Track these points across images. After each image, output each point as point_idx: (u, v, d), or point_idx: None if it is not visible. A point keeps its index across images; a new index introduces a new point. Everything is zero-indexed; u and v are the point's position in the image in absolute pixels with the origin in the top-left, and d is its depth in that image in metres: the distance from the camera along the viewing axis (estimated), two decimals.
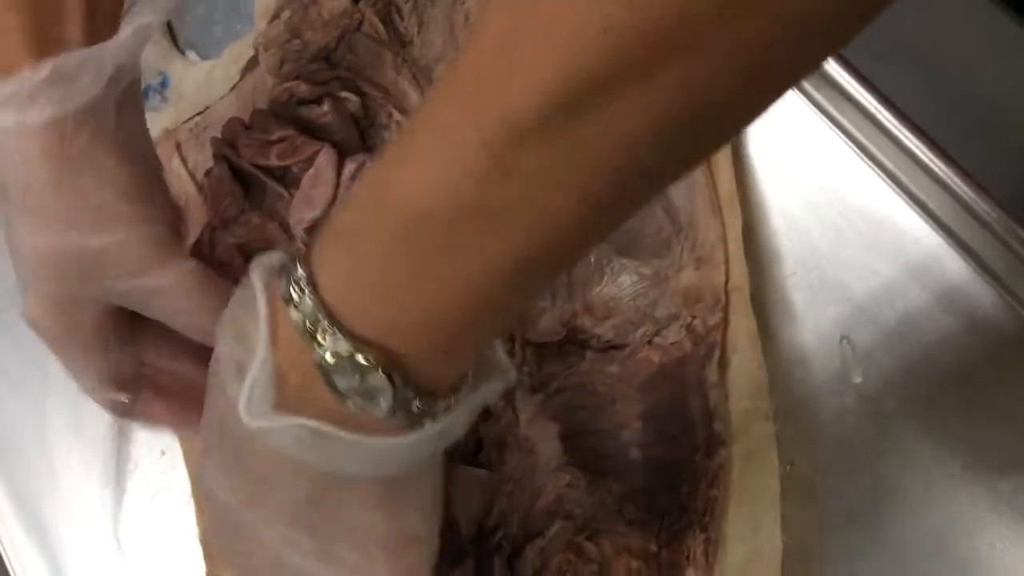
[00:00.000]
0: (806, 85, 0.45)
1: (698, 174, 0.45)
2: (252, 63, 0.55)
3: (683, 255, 0.45)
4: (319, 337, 0.27)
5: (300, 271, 0.28)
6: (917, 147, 0.42)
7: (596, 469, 0.43)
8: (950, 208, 0.43)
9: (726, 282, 0.43)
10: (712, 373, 0.42)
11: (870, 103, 0.43)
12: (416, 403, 0.28)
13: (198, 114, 0.57)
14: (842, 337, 0.43)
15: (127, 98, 0.38)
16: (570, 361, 0.46)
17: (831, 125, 0.45)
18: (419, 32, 0.51)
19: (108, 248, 0.37)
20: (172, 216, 0.40)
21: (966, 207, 0.42)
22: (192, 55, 0.61)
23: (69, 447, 0.60)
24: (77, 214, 0.37)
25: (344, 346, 0.27)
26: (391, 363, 0.27)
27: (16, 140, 0.36)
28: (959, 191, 0.42)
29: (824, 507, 0.42)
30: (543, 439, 0.45)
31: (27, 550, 0.60)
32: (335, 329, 0.27)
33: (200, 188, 0.56)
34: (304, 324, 0.27)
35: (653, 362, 0.44)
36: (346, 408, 0.28)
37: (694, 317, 0.44)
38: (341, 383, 0.27)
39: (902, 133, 0.43)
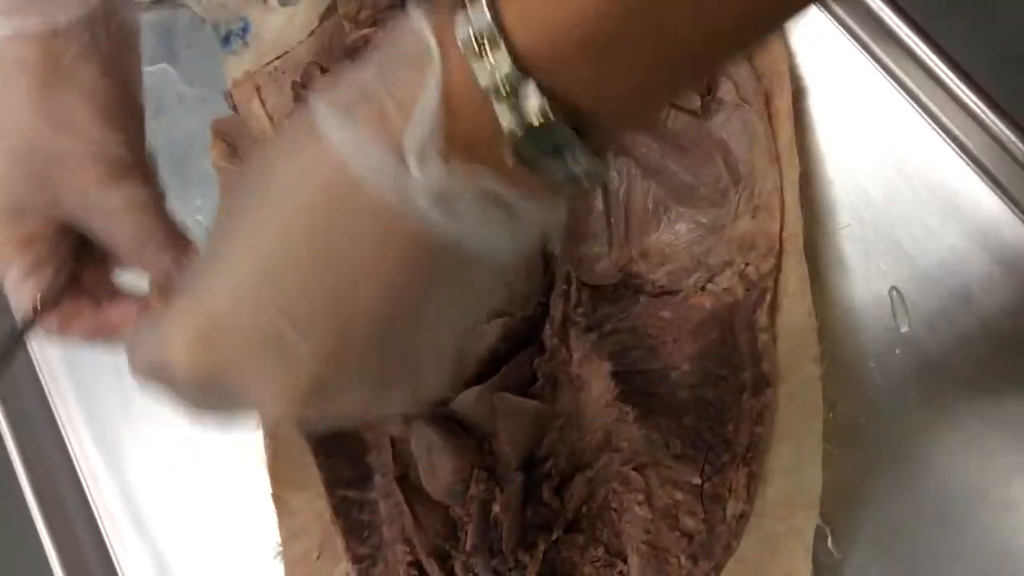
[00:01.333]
0: (867, 40, 0.46)
1: (758, 126, 0.46)
2: (331, 10, 0.58)
3: (740, 204, 0.46)
4: (502, 84, 0.25)
5: (485, 13, 0.25)
6: (976, 105, 0.43)
7: (645, 406, 0.45)
8: (1008, 169, 0.43)
9: (781, 230, 0.44)
10: (762, 316, 0.43)
11: (931, 59, 0.44)
12: (584, 163, 0.26)
13: (277, 58, 0.59)
14: (892, 288, 0.44)
15: (121, 31, 0.40)
16: (624, 304, 0.48)
17: (892, 81, 0.46)
18: None
19: (68, 155, 0.38)
20: (139, 148, 0.41)
21: (1022, 167, 0.42)
22: (273, 1, 0.63)
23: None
24: (49, 117, 0.38)
25: (535, 103, 0.25)
26: (577, 121, 0.26)
27: (9, 46, 0.38)
28: (1018, 151, 0.43)
29: (865, 450, 0.43)
30: (595, 376, 0.46)
31: (102, 473, 0.63)
32: (527, 82, 0.25)
33: (276, 126, 0.59)
34: (493, 78, 0.25)
35: (705, 307, 0.46)
36: (517, 169, 0.26)
37: (747, 264, 0.45)
38: (526, 145, 0.26)
39: (962, 91, 0.43)
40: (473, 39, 0.25)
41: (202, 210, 0.64)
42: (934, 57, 0.43)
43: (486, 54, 0.25)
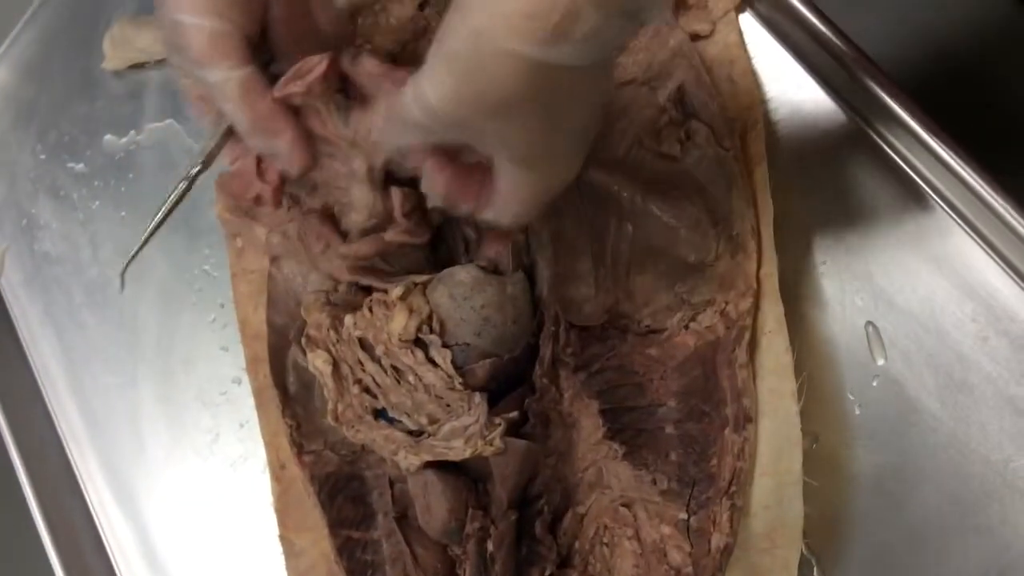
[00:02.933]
0: (838, 84, 0.48)
1: (734, 167, 0.48)
2: None
3: (720, 244, 0.47)
4: None
5: None
6: (941, 146, 0.45)
7: (633, 443, 0.46)
8: (976, 209, 0.45)
9: (758, 269, 0.46)
10: (742, 354, 0.45)
11: (899, 103, 0.45)
12: None
13: None
14: (867, 323, 0.46)
15: None
16: (611, 344, 0.49)
17: (862, 122, 0.48)
18: None
19: (188, 28, 0.42)
20: (252, 29, 0.43)
21: (987, 205, 0.44)
22: None
23: (156, 420, 0.65)
24: None
25: None
26: None
27: None
28: (983, 190, 0.44)
29: (848, 480, 0.44)
30: (584, 414, 0.48)
31: (116, 516, 0.65)
32: None
33: None
34: None
35: (689, 345, 0.47)
36: None
37: (727, 303, 0.47)
38: None
39: (929, 133, 0.45)
40: None
41: (210, 259, 0.66)
42: (903, 101, 0.45)
43: None
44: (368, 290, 0.52)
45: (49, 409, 0.71)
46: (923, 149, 0.45)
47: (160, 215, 0.53)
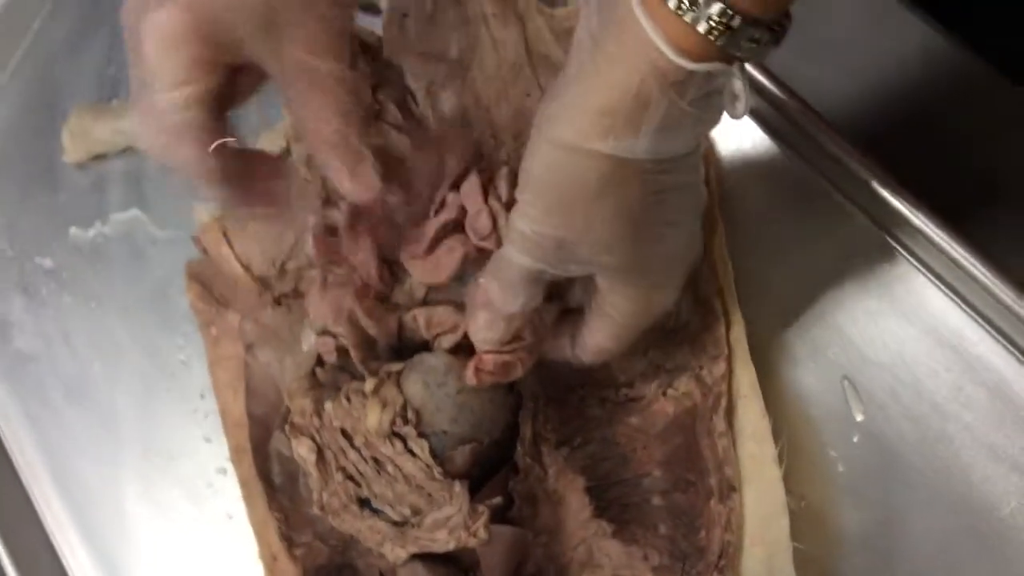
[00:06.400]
0: (796, 141, 0.48)
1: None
2: (287, 151, 0.60)
3: (686, 308, 0.47)
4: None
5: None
6: (898, 198, 0.45)
7: (622, 519, 0.46)
8: (934, 253, 0.45)
9: (727, 331, 0.46)
10: (720, 422, 0.45)
11: (852, 157, 0.46)
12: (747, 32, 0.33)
13: None
14: (843, 377, 0.45)
15: None
16: (591, 414, 0.49)
17: (821, 178, 0.48)
18: (433, 114, 0.55)
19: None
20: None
21: (949, 255, 0.44)
22: (233, 144, 0.66)
23: (142, 516, 0.65)
24: None
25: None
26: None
27: None
28: (940, 240, 0.44)
29: (837, 539, 0.44)
30: (571, 491, 0.48)
31: None
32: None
33: (246, 270, 0.61)
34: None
35: (668, 413, 0.47)
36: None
37: (701, 367, 0.46)
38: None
39: (885, 186, 0.45)
40: None
41: (184, 349, 0.66)
42: (856, 154, 0.45)
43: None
44: (349, 371, 0.52)
45: (36, 509, 0.70)
46: (881, 200, 0.45)
47: None
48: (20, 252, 0.75)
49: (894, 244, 0.46)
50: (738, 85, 0.35)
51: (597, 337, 0.43)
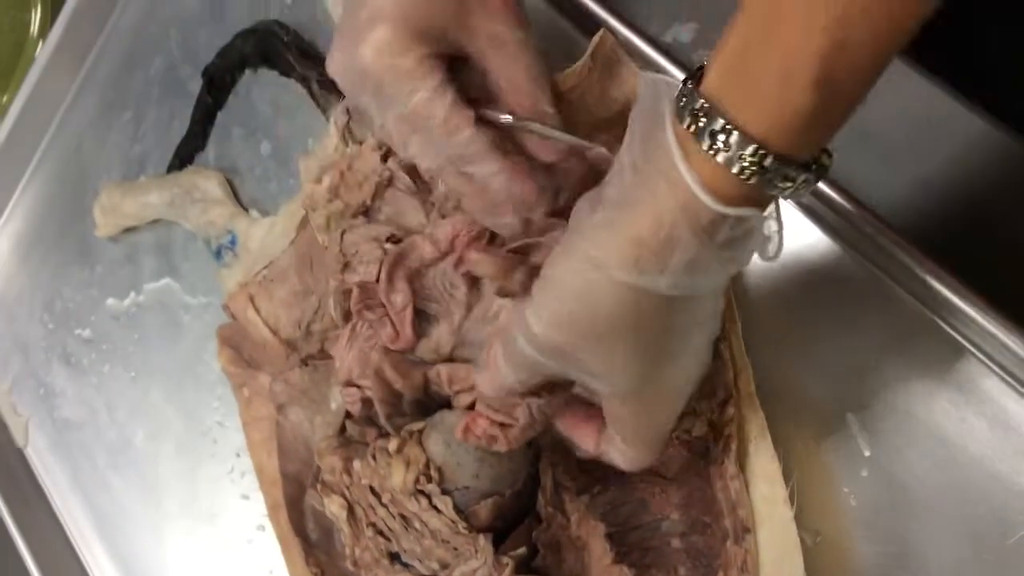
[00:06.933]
0: None
1: None
2: (305, 219, 0.62)
3: None
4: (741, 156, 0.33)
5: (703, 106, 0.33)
6: (900, 245, 0.46)
7: (642, 563, 0.48)
8: (937, 296, 0.46)
9: (735, 378, 0.47)
10: (731, 465, 0.46)
11: (849, 201, 0.47)
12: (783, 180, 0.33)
13: (264, 268, 0.64)
14: (849, 416, 0.47)
15: None
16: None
17: (814, 221, 0.49)
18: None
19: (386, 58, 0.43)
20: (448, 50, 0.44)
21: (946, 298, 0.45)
22: (254, 212, 0.69)
23: (185, 570, 0.67)
24: None
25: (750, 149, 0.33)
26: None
27: None
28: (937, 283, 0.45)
29: (855, 572, 0.45)
30: (593, 537, 0.49)
31: None
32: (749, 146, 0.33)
33: (274, 333, 0.63)
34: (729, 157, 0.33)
35: (683, 456, 0.49)
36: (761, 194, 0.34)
37: (712, 411, 0.48)
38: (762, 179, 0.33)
39: (877, 229, 0.46)
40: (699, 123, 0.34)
41: (219, 410, 0.69)
42: (856, 207, 0.47)
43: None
44: (376, 424, 0.54)
45: (87, 570, 0.73)
46: (874, 242, 0.46)
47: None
48: (61, 324, 0.78)
49: (898, 289, 0.46)
50: (772, 226, 0.35)
51: (624, 452, 0.43)
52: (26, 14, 0.85)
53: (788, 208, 0.48)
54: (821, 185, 0.44)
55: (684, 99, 0.34)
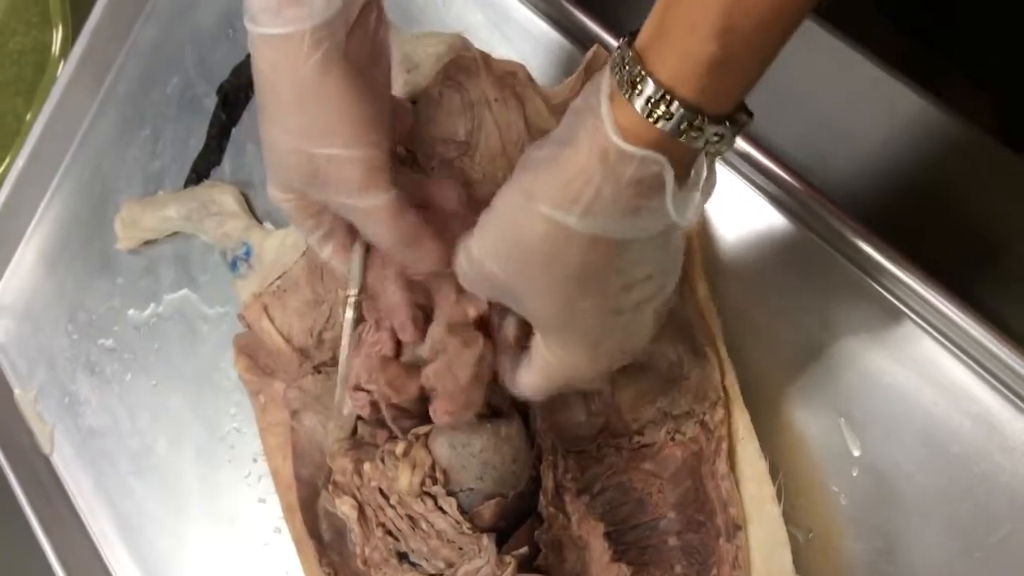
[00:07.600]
0: (775, 191, 0.51)
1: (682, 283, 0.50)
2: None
3: (687, 359, 0.50)
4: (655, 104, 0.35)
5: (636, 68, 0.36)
6: (888, 253, 0.47)
7: (640, 561, 0.49)
8: (922, 302, 0.47)
9: (722, 379, 0.49)
10: (722, 465, 0.48)
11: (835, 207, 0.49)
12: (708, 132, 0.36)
13: (278, 278, 0.66)
14: (838, 416, 0.48)
15: (363, 26, 0.45)
16: (609, 462, 0.52)
17: (802, 226, 0.51)
18: None
19: (328, 162, 0.45)
20: (390, 142, 0.46)
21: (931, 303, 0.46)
22: (268, 224, 0.71)
23: (206, 572, 0.69)
24: (309, 127, 0.44)
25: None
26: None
27: (265, 48, 0.44)
28: (920, 287, 0.47)
29: (846, 569, 0.47)
30: (593, 536, 0.51)
31: None
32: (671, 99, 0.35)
33: (287, 341, 0.65)
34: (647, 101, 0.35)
35: (678, 457, 0.50)
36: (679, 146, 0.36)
37: (704, 413, 0.49)
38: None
39: (875, 243, 0.48)
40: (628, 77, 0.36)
41: (236, 416, 0.71)
42: (834, 208, 0.48)
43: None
44: (386, 426, 0.56)
45: (112, 574, 0.75)
46: (867, 251, 0.48)
47: (344, 353, 0.56)
48: (84, 335, 0.81)
49: (883, 292, 0.48)
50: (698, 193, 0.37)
51: (532, 375, 0.46)
52: (48, 35, 0.88)
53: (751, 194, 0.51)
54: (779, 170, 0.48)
55: (619, 51, 0.37)
